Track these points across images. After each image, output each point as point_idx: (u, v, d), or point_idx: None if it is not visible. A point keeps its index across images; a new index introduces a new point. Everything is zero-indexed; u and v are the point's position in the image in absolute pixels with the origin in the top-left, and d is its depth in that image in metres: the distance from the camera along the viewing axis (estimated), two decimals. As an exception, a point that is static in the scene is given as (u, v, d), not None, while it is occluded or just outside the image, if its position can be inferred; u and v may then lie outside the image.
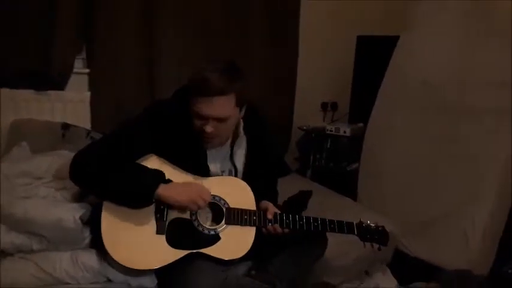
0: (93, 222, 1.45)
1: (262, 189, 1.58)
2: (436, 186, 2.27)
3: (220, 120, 1.38)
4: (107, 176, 1.33)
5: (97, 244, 1.46)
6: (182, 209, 1.41)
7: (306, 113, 3.10)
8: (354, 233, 1.54)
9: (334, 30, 3.02)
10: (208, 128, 1.37)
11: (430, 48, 2.35)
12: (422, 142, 2.36)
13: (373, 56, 2.84)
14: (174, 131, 1.42)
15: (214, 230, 1.44)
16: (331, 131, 2.90)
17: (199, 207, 1.40)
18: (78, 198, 1.55)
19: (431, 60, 2.34)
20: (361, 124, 2.88)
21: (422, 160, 2.35)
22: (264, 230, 1.49)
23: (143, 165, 1.40)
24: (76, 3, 2.14)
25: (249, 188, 1.53)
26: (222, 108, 1.36)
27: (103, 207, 1.37)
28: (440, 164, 2.27)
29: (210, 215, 1.51)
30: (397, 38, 2.49)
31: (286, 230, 1.49)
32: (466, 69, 2.21)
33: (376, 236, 1.56)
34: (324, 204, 2.17)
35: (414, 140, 2.40)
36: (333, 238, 1.63)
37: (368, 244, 1.56)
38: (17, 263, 1.43)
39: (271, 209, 1.51)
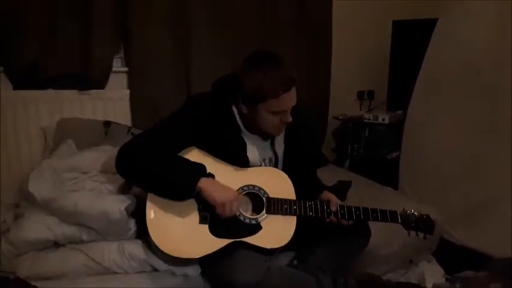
0: (138, 214, 1.50)
1: (303, 181, 1.57)
2: (480, 170, 2.19)
3: None
4: (150, 167, 1.36)
5: (142, 234, 1.50)
6: (212, 205, 1.38)
7: (342, 103, 3.06)
8: (397, 222, 1.51)
9: (369, 16, 2.96)
10: (290, 117, 1.44)
11: (470, 30, 2.25)
12: (465, 127, 2.28)
13: (410, 40, 2.76)
14: (213, 123, 1.44)
15: (255, 219, 1.45)
16: (369, 119, 2.85)
17: (223, 214, 1.37)
18: (122, 191, 1.60)
19: (473, 43, 2.24)
20: (400, 111, 2.81)
21: (465, 145, 2.26)
22: (327, 220, 1.48)
23: (186, 158, 1.42)
24: (112, 4, 2.20)
25: (288, 178, 1.53)
26: (295, 94, 1.43)
27: (147, 199, 1.40)
28: (483, 148, 2.18)
29: (250, 205, 1.52)
30: (434, 21, 2.39)
31: (351, 222, 1.48)
32: (508, 52, 2.09)
33: (420, 224, 1.53)
34: (364, 195, 2.13)
35: (456, 125, 2.32)
36: (376, 228, 1.60)
37: (413, 233, 1.53)
38: (68, 252, 1.50)
39: (334, 200, 1.51)
